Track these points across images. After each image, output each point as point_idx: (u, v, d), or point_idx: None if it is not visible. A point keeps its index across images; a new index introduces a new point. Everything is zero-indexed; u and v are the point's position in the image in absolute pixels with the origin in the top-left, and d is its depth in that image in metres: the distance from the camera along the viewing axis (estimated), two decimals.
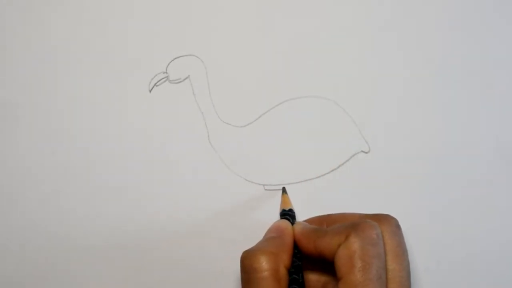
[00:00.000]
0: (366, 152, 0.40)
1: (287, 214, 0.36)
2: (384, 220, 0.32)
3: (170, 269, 0.39)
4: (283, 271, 0.31)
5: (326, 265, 0.32)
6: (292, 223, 0.35)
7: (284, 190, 0.38)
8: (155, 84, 0.40)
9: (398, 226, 0.33)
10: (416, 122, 0.40)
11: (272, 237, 0.33)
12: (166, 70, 0.40)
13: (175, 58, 0.41)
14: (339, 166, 0.39)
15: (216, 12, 0.41)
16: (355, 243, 0.30)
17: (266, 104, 0.40)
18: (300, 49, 0.40)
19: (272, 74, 0.40)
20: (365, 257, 0.30)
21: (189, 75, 0.40)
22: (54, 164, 0.40)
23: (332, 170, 0.39)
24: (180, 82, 0.41)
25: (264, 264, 0.31)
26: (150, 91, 0.41)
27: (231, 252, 0.39)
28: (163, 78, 0.40)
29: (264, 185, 0.39)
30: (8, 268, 0.40)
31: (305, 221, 0.36)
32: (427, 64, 0.40)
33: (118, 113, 0.40)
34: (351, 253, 0.30)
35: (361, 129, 0.40)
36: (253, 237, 0.36)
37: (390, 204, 0.39)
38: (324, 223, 0.35)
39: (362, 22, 0.40)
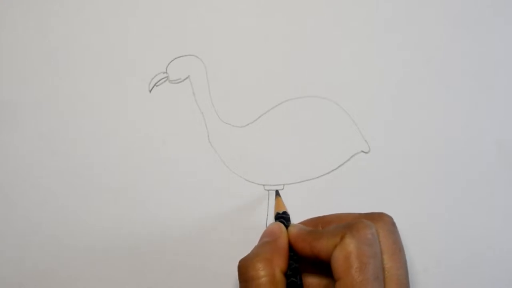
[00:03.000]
0: (366, 152, 0.39)
1: (281, 217, 0.35)
2: (379, 218, 0.32)
3: (170, 269, 0.39)
4: (279, 276, 0.31)
5: (325, 267, 0.32)
6: (287, 226, 0.34)
7: (277, 193, 0.38)
8: (155, 84, 0.40)
9: (393, 224, 0.32)
10: (416, 122, 0.40)
11: (266, 242, 0.33)
12: (166, 70, 0.40)
13: (175, 58, 0.41)
14: (339, 166, 0.39)
15: (216, 12, 0.41)
16: (351, 243, 0.30)
17: (266, 104, 0.40)
18: (300, 49, 0.40)
19: (272, 74, 0.40)
20: (362, 257, 0.29)
21: (189, 75, 0.40)
22: (54, 164, 0.40)
23: (332, 170, 0.39)
24: (180, 82, 0.41)
25: (260, 271, 0.31)
26: (150, 91, 0.40)
27: (231, 252, 0.39)
28: (163, 78, 0.40)
29: (264, 185, 0.39)
30: (7, 268, 0.40)
31: (300, 223, 0.36)
32: (427, 64, 0.40)
33: (118, 113, 0.40)
34: (347, 254, 0.30)
35: (361, 129, 0.40)
36: (253, 237, 0.36)
37: (390, 204, 0.39)
38: (319, 225, 0.35)
39: (362, 22, 0.40)
